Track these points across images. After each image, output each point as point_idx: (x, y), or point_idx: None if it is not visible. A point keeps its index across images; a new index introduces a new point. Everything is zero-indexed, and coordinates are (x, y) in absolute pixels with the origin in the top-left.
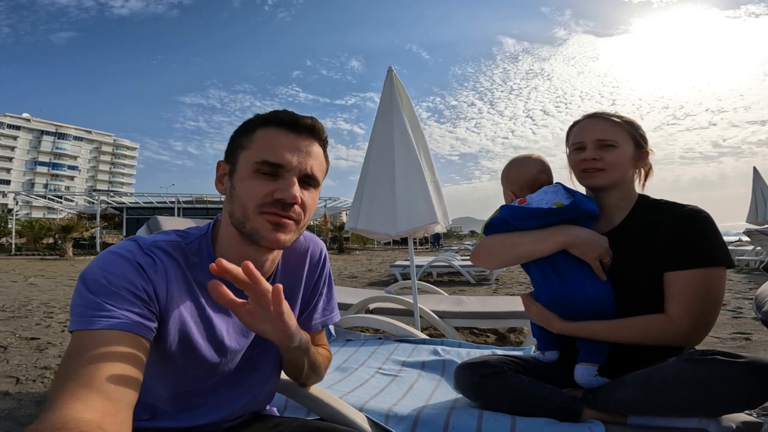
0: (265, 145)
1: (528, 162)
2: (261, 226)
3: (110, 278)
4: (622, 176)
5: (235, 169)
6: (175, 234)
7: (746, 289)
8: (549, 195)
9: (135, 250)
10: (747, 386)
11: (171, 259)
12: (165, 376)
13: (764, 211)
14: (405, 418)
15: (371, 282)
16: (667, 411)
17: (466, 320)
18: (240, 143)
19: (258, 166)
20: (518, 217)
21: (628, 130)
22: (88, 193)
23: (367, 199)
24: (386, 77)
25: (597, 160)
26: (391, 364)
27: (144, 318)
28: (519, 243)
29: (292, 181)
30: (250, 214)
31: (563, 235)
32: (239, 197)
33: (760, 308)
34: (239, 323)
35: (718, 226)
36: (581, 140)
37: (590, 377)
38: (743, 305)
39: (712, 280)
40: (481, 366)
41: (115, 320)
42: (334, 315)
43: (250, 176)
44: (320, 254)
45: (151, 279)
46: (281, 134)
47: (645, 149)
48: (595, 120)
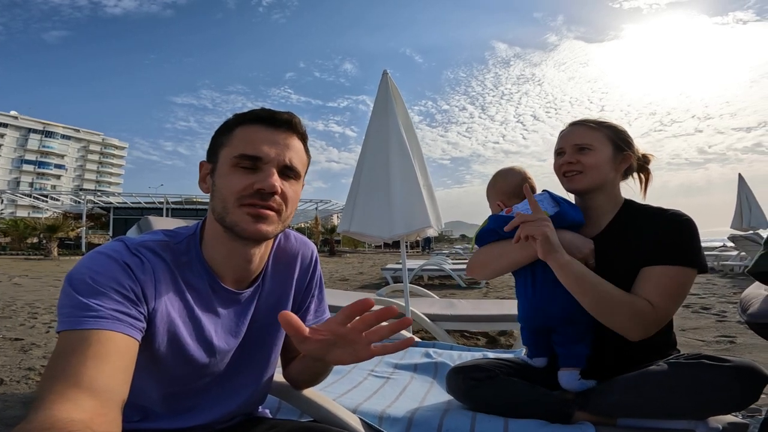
0: (243, 140)
1: (512, 172)
2: (241, 218)
3: (97, 278)
4: (602, 178)
5: (216, 167)
6: (163, 234)
7: (731, 293)
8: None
9: (122, 251)
10: (734, 390)
11: (159, 259)
12: (155, 376)
13: (749, 217)
14: (399, 419)
15: (362, 285)
16: (657, 414)
17: (457, 323)
18: (220, 141)
19: (237, 160)
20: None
21: (607, 133)
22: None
23: (360, 202)
24: (381, 80)
25: (573, 163)
26: (384, 367)
27: (132, 318)
28: (509, 251)
29: (271, 171)
30: (230, 207)
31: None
32: (219, 192)
33: (744, 311)
34: (228, 323)
35: (699, 231)
36: (561, 146)
37: (574, 381)
38: (728, 309)
39: (686, 278)
40: (474, 370)
41: (103, 320)
42: (325, 316)
43: (230, 171)
44: (311, 256)
45: (138, 279)
46: (259, 129)
47: (627, 152)
48: (576, 126)
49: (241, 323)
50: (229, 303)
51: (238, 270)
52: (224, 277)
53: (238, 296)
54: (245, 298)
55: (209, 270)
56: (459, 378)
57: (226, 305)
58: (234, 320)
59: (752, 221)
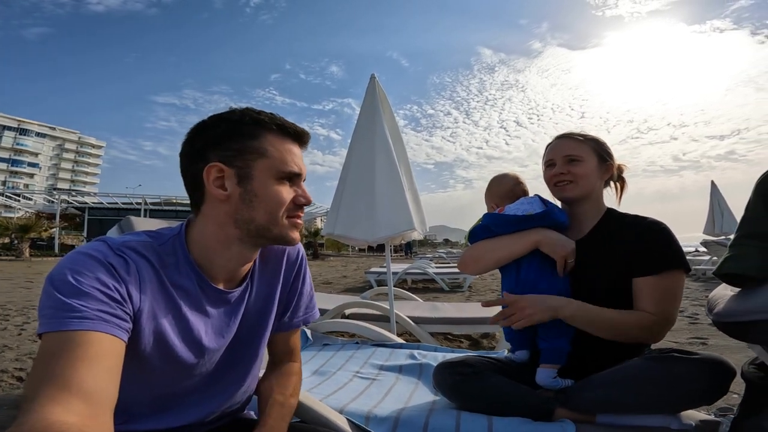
0: (283, 154)
1: (506, 177)
2: (289, 229)
3: (80, 278)
4: (590, 187)
5: (250, 175)
6: (146, 234)
7: (702, 297)
8: (525, 205)
9: (105, 251)
10: (704, 382)
11: (143, 260)
12: (140, 377)
13: (721, 223)
14: (385, 419)
15: (346, 288)
16: (633, 409)
17: (441, 326)
18: (247, 148)
19: (283, 175)
20: (497, 224)
21: (592, 146)
22: (48, 192)
23: (345, 205)
24: (369, 84)
25: (565, 174)
26: (369, 368)
27: (118, 318)
28: (499, 246)
29: (304, 187)
30: (279, 219)
31: (536, 234)
32: (267, 203)
33: (711, 310)
34: (218, 323)
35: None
36: (552, 158)
37: (549, 379)
38: (700, 312)
39: (675, 281)
40: (461, 365)
41: (88, 321)
42: (315, 312)
43: (275, 183)
44: (297, 254)
45: (123, 279)
46: (292, 145)
47: (609, 162)
48: (564, 140)
49: (231, 323)
50: (219, 303)
51: (232, 271)
52: (214, 277)
53: (228, 296)
54: (235, 298)
55: (198, 270)
56: (446, 373)
57: (216, 305)
58: (224, 320)
59: (724, 227)
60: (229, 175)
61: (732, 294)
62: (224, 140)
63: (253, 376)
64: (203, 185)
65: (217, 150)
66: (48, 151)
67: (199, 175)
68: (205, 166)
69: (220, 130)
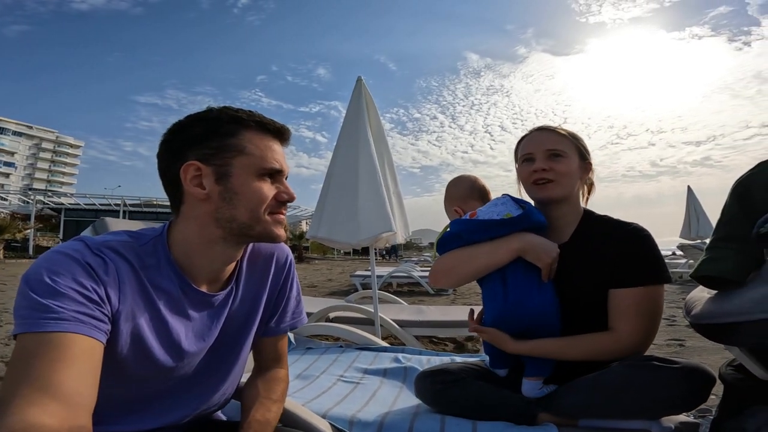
0: (263, 151)
1: (461, 178)
2: (272, 225)
3: (57, 279)
4: (572, 187)
5: (229, 173)
6: (126, 234)
7: (680, 299)
8: (499, 207)
9: (83, 250)
10: (683, 389)
11: (123, 260)
12: (117, 379)
13: (697, 227)
14: (369, 424)
15: (331, 291)
16: (614, 414)
17: (425, 329)
18: (226, 146)
19: (263, 171)
20: (471, 231)
21: (573, 141)
22: (23, 192)
23: (329, 208)
24: (355, 86)
25: (547, 170)
26: (354, 372)
27: (96, 320)
28: (476, 256)
29: (287, 183)
30: (261, 216)
31: (518, 241)
32: (247, 200)
33: (689, 312)
34: (199, 327)
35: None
36: (530, 151)
37: (536, 390)
38: (677, 314)
39: (654, 297)
40: (442, 374)
41: (65, 322)
42: (302, 317)
43: (256, 180)
44: (286, 258)
45: (101, 280)
46: (273, 142)
47: (588, 161)
48: (544, 132)
49: (213, 326)
50: (201, 306)
51: (215, 272)
52: (197, 279)
53: (211, 299)
54: (219, 301)
55: (180, 272)
56: (427, 382)
57: (198, 308)
58: (206, 323)
59: (700, 231)
60: (206, 173)
61: (709, 296)
62: (202, 139)
63: (232, 379)
64: (181, 185)
65: (195, 149)
66: (24, 150)
67: (176, 175)
68: (182, 165)
69: (198, 129)
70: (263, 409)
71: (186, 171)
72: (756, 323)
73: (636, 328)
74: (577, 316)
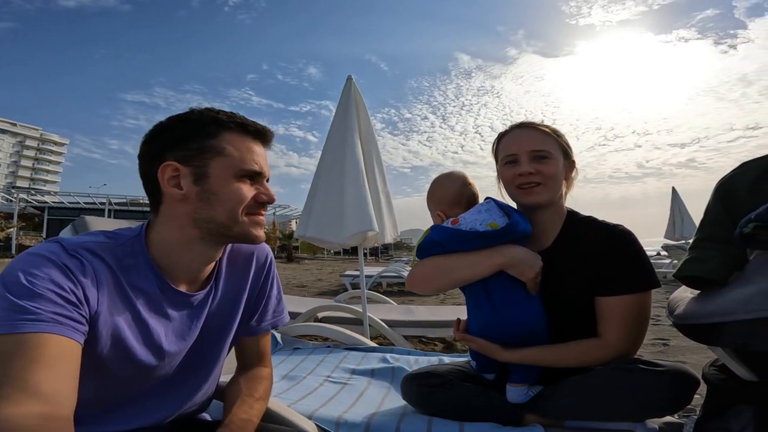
0: (242, 153)
1: (450, 178)
2: (250, 226)
3: (33, 280)
4: (558, 190)
5: (206, 174)
6: (103, 235)
7: (664, 299)
8: (483, 215)
9: (59, 252)
10: (667, 392)
11: (100, 261)
12: (97, 380)
13: (681, 228)
14: (356, 425)
15: (321, 291)
16: (600, 416)
17: (415, 329)
18: (205, 147)
19: (242, 173)
20: (452, 240)
21: (557, 139)
22: (6, 190)
23: (317, 207)
24: (345, 86)
25: (533, 174)
26: (341, 372)
27: (74, 321)
28: (456, 267)
29: (267, 184)
30: (238, 217)
31: (501, 255)
32: (225, 201)
33: (672, 312)
34: (179, 326)
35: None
36: (514, 152)
37: (522, 395)
38: (661, 313)
39: (642, 304)
40: (428, 377)
41: (43, 324)
42: (284, 316)
43: (234, 181)
44: (266, 258)
45: (79, 281)
46: (253, 144)
47: (572, 158)
48: (526, 130)
49: (194, 326)
50: (181, 306)
51: (194, 272)
52: (176, 279)
53: (191, 299)
54: (198, 301)
55: (158, 272)
56: (413, 385)
57: (177, 308)
58: (186, 323)
59: (684, 231)
60: (184, 174)
61: (692, 296)
62: (182, 141)
63: (213, 378)
64: (159, 185)
65: (175, 150)
66: (8, 147)
67: (154, 176)
68: (160, 166)
69: (178, 130)
70: (245, 406)
71: (163, 171)
72: (739, 324)
73: (625, 335)
74: (563, 321)
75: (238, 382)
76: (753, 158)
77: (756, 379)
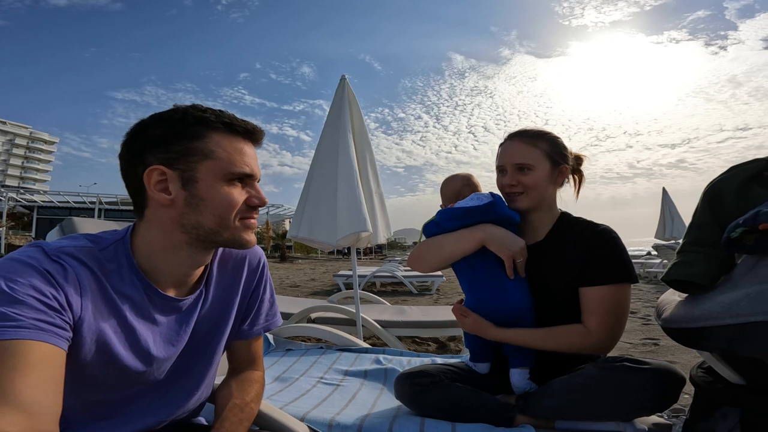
0: (232, 155)
1: (455, 177)
2: (242, 231)
3: (14, 286)
4: (541, 195)
5: (194, 179)
6: (85, 239)
7: (654, 299)
8: (474, 200)
9: (40, 257)
10: (653, 391)
11: (83, 266)
12: (83, 386)
13: (671, 228)
14: (348, 427)
15: (314, 291)
16: (589, 416)
17: (408, 329)
18: (191, 149)
19: (232, 176)
20: (445, 219)
21: (544, 149)
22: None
23: (310, 208)
24: (338, 85)
25: (515, 185)
26: (334, 374)
27: (56, 327)
28: (443, 244)
29: (258, 187)
30: (230, 222)
31: (480, 231)
32: (215, 207)
33: (659, 315)
34: (167, 331)
35: (625, 242)
36: (502, 164)
37: (524, 381)
38: (652, 313)
39: (621, 295)
40: (420, 376)
41: (24, 330)
42: (276, 319)
43: (224, 185)
44: (258, 261)
45: (61, 286)
46: (243, 144)
47: (563, 165)
48: (514, 142)
49: (182, 331)
50: (168, 311)
51: (182, 277)
52: (162, 283)
53: (179, 303)
54: (187, 306)
55: (143, 277)
56: (406, 384)
57: (165, 313)
58: (174, 328)
59: (674, 232)
60: (172, 178)
61: (679, 299)
62: (165, 142)
63: (207, 384)
64: (144, 189)
65: (157, 152)
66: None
67: (139, 178)
68: (145, 170)
69: (160, 130)
70: (236, 409)
71: (150, 176)
72: (725, 328)
73: (603, 324)
74: (550, 311)
75: (229, 384)
76: (741, 162)
77: (742, 382)
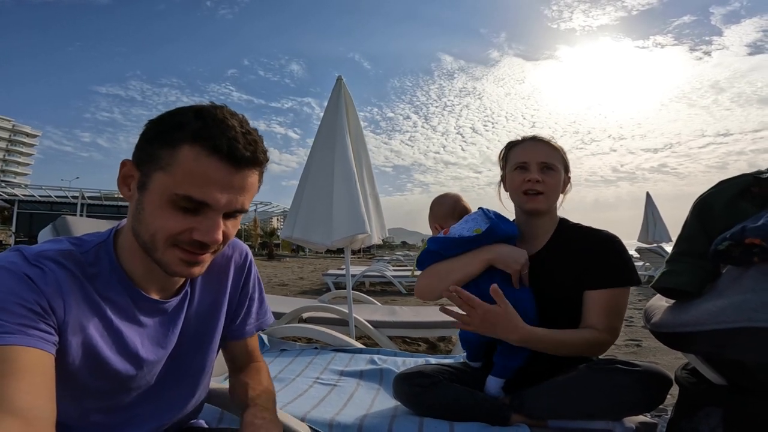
0: (190, 175)
1: (445, 198)
2: (171, 259)
3: None
4: (556, 200)
5: (146, 186)
6: (68, 242)
7: (636, 301)
8: (470, 223)
9: (19, 262)
10: (643, 392)
11: (64, 270)
12: (72, 392)
13: (653, 231)
14: (348, 427)
15: (303, 291)
16: (580, 415)
17: (399, 330)
18: (156, 156)
19: (177, 198)
20: (445, 248)
21: (562, 155)
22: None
23: (304, 208)
24: (335, 86)
25: (540, 182)
26: (330, 374)
27: (41, 332)
28: (451, 270)
29: (216, 222)
30: (159, 245)
31: (487, 252)
32: (148, 224)
33: (648, 320)
34: (154, 334)
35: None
36: (525, 160)
37: (498, 390)
38: (634, 315)
39: (623, 297)
40: (419, 376)
41: (9, 336)
42: (268, 317)
43: (165, 206)
44: (245, 259)
45: (42, 291)
46: (215, 166)
47: (569, 174)
48: (539, 143)
49: (170, 333)
50: (153, 313)
51: (162, 280)
52: (145, 286)
53: (164, 306)
54: (172, 308)
55: (127, 280)
56: (405, 385)
57: (151, 315)
58: (161, 330)
59: (656, 235)
60: (134, 177)
61: (667, 305)
62: (146, 140)
63: (203, 385)
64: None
65: (138, 149)
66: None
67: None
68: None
69: (151, 129)
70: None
71: (122, 166)
72: (710, 333)
73: (609, 325)
74: (551, 315)
75: (239, 378)
76: (730, 177)
77: (725, 383)
